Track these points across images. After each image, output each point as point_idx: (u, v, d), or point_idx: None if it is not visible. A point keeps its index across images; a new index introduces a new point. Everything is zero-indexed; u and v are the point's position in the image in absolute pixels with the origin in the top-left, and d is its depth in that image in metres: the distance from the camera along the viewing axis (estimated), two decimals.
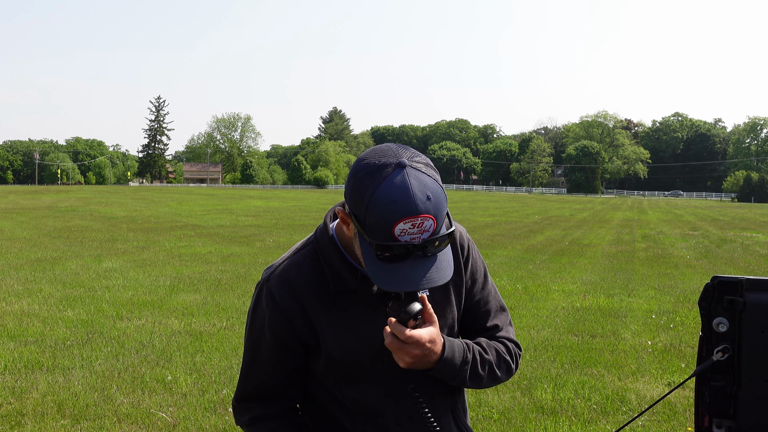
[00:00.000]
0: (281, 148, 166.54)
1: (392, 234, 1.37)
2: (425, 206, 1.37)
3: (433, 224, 1.39)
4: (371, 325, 1.60)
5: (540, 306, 9.29)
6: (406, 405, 1.63)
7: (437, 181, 1.42)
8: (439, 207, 1.39)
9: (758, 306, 1.37)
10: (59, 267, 12.64)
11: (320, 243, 1.63)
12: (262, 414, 1.67)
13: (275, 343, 1.62)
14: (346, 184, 1.47)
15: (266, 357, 1.64)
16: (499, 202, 62.46)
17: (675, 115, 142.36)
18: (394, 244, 1.38)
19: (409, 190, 1.36)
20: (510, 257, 15.47)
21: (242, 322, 7.95)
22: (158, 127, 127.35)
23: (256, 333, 1.65)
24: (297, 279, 1.61)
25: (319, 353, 1.62)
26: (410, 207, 1.36)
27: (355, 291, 1.60)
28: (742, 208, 59.40)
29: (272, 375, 1.65)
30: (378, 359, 1.60)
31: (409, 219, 1.36)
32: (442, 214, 1.41)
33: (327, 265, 1.60)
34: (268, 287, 1.62)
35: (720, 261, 15.57)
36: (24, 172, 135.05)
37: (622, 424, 4.58)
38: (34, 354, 6.47)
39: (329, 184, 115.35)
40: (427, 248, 1.41)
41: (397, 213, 1.36)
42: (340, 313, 1.60)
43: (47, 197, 46.82)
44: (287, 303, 1.59)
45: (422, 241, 1.39)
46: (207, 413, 4.94)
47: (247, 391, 1.70)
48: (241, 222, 27.69)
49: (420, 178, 1.39)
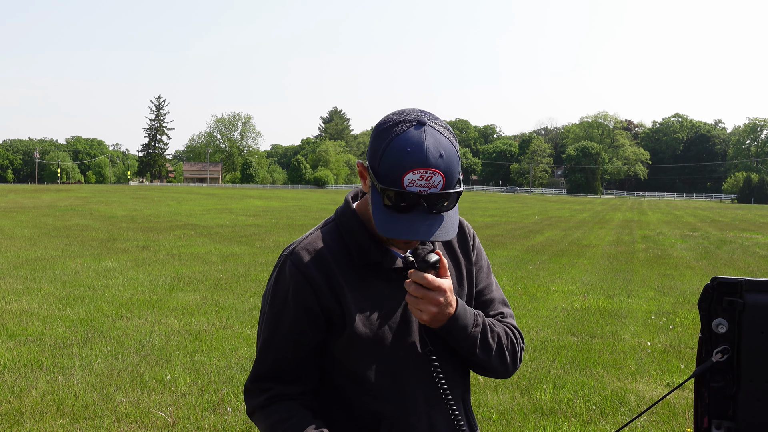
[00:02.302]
0: (281, 147, 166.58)
1: (401, 182, 1.42)
2: (436, 162, 1.42)
3: (442, 181, 1.43)
4: (393, 300, 1.61)
5: (540, 306, 9.29)
6: (424, 385, 1.62)
7: (453, 145, 1.46)
8: (450, 166, 1.44)
9: (758, 307, 1.37)
10: (59, 266, 12.64)
11: (342, 218, 1.65)
12: (280, 394, 1.62)
13: (299, 316, 1.59)
14: (370, 137, 1.53)
15: (288, 331, 1.60)
16: (499, 202, 62.48)
17: (675, 116, 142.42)
18: (400, 190, 1.42)
19: (423, 144, 1.42)
20: (510, 258, 15.47)
21: (242, 322, 7.95)
22: (158, 127, 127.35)
23: (278, 306, 1.61)
24: (322, 251, 1.61)
25: (341, 328, 1.59)
26: (422, 159, 1.41)
27: (379, 264, 1.60)
28: (742, 210, 59.42)
29: (294, 351, 1.61)
30: (399, 336, 1.60)
31: (418, 170, 1.41)
32: (453, 175, 1.45)
33: (350, 238, 1.61)
34: (293, 259, 1.60)
35: (719, 262, 15.58)
36: (24, 171, 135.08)
37: (622, 424, 4.58)
38: (33, 353, 6.47)
39: (329, 183, 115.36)
40: (432, 203, 1.44)
41: (409, 162, 1.41)
42: (363, 287, 1.60)
43: (47, 196, 46.83)
44: (312, 274, 1.58)
45: (428, 194, 1.43)
46: (206, 413, 4.94)
47: (264, 369, 1.63)
48: (241, 222, 27.69)
49: (436, 137, 1.44)
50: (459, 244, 1.76)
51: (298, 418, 1.57)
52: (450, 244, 1.74)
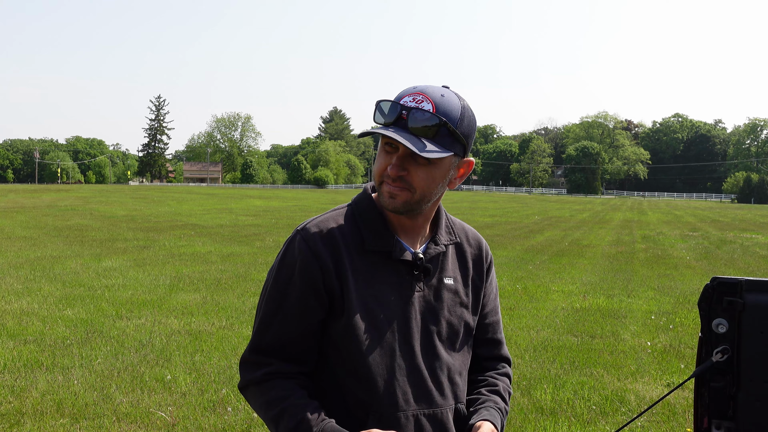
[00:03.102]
0: (281, 147, 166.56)
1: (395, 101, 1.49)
2: (433, 93, 1.48)
3: (432, 109, 1.46)
4: (397, 294, 1.60)
5: (540, 306, 9.29)
6: (417, 383, 1.61)
7: (463, 106, 1.52)
8: (446, 106, 1.49)
9: (758, 307, 1.37)
10: (59, 266, 12.64)
11: (358, 202, 1.66)
12: (278, 371, 1.59)
13: (304, 291, 1.57)
14: None
15: (292, 307, 1.58)
16: (499, 202, 62.47)
17: (675, 115, 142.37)
18: (386, 100, 1.48)
19: (429, 85, 1.50)
20: (510, 258, 15.47)
21: (242, 322, 7.95)
22: (158, 127, 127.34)
23: (283, 281, 1.59)
24: (333, 232, 1.59)
25: (340, 314, 1.57)
26: (419, 87, 1.49)
27: (389, 254, 1.59)
28: (742, 209, 59.41)
29: (296, 327, 1.58)
30: (397, 331, 1.59)
31: (413, 94, 1.48)
32: (445, 113, 1.48)
33: (363, 222, 1.61)
34: (303, 235, 1.59)
35: (719, 262, 15.58)
36: (24, 171, 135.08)
37: (622, 424, 4.58)
38: (33, 353, 6.47)
39: (329, 183, 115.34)
40: (411, 116, 1.46)
41: (408, 89, 1.50)
42: (369, 276, 1.58)
43: (47, 196, 46.81)
44: (321, 251, 1.56)
45: (410, 107, 1.47)
46: (206, 412, 4.94)
47: (265, 342, 1.60)
48: (241, 221, 27.70)
49: (447, 92, 1.51)
50: (473, 258, 1.75)
51: (296, 397, 1.55)
52: (463, 252, 1.73)
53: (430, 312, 1.63)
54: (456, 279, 1.68)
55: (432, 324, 1.63)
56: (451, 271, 1.68)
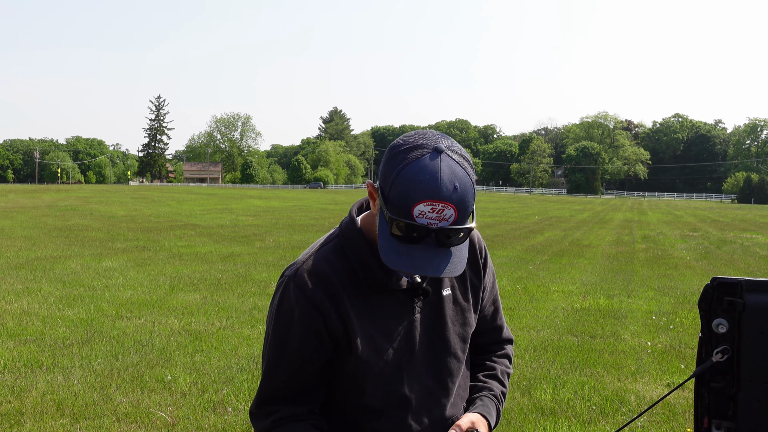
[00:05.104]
0: (281, 147, 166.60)
1: (411, 213, 1.35)
2: (449, 194, 1.35)
3: (454, 215, 1.36)
4: (399, 321, 1.59)
5: (540, 306, 9.28)
6: (425, 408, 1.62)
7: (469, 176, 1.39)
8: (464, 200, 1.37)
9: (758, 307, 1.37)
10: (59, 266, 12.64)
11: (347, 236, 1.59)
12: (286, 415, 1.58)
13: (304, 339, 1.55)
14: (382, 159, 1.47)
15: (294, 353, 1.57)
16: (499, 202, 62.45)
17: (675, 116, 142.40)
18: (409, 221, 1.35)
19: (437, 174, 1.35)
20: (510, 258, 15.46)
21: (242, 322, 7.95)
22: (158, 127, 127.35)
23: (283, 330, 1.57)
24: (327, 273, 1.55)
25: (348, 353, 1.56)
26: (434, 190, 1.34)
27: (385, 285, 1.56)
28: (742, 210, 59.40)
29: (300, 372, 1.58)
30: (403, 359, 1.59)
31: (429, 202, 1.34)
32: (466, 209, 1.38)
33: (355, 258, 1.56)
34: (296, 282, 1.55)
35: (720, 262, 15.57)
36: (24, 171, 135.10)
37: (622, 424, 4.58)
38: (33, 353, 6.47)
39: (329, 183, 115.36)
40: (441, 237, 1.37)
41: (420, 193, 1.34)
42: (369, 310, 1.57)
43: (47, 196, 46.81)
44: (319, 297, 1.53)
45: (438, 227, 1.36)
46: (206, 413, 4.94)
47: (270, 392, 1.60)
48: (241, 222, 27.69)
49: (452, 167, 1.37)
50: (469, 260, 1.71)
51: None
52: None
53: (434, 330, 1.63)
54: (454, 287, 1.68)
55: (438, 340, 1.64)
56: (448, 281, 1.66)
